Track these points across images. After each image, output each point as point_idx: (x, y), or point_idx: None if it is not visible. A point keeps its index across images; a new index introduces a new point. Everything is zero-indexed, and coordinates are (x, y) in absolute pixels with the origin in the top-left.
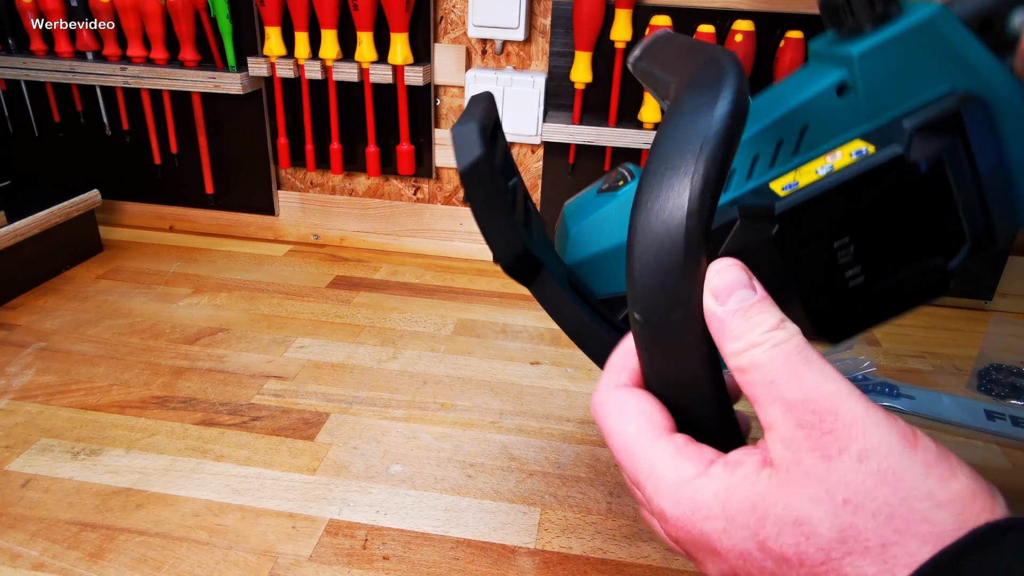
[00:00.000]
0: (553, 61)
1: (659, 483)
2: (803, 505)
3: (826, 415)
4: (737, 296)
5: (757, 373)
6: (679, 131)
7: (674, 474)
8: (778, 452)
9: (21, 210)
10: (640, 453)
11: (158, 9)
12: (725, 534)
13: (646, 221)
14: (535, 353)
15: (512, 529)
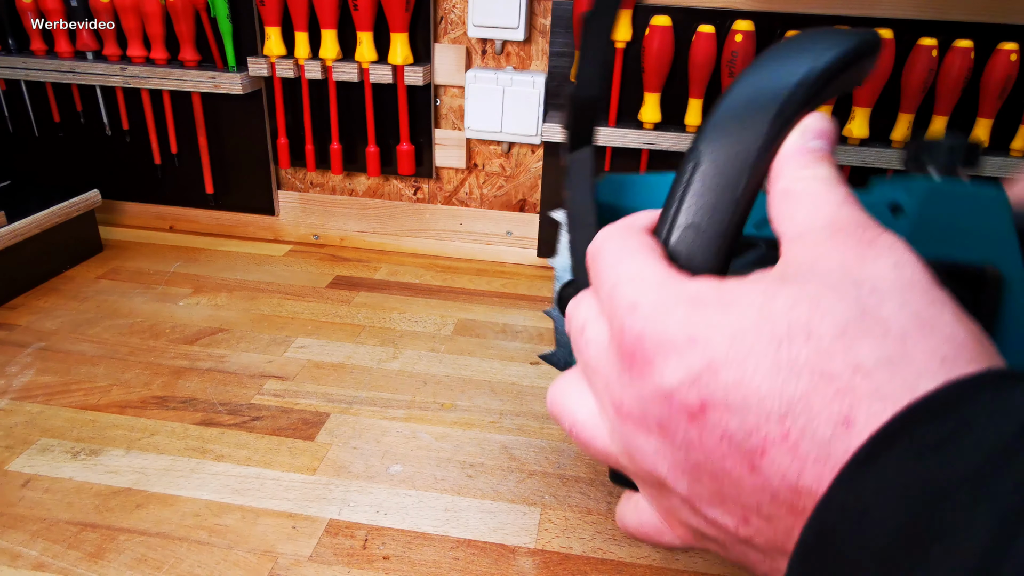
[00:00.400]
0: (553, 61)
1: (641, 281)
2: (824, 291)
3: (870, 229)
4: (823, 142)
5: (808, 198)
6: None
7: (663, 275)
8: (803, 252)
9: (21, 210)
10: (629, 259)
11: (158, 9)
12: (715, 315)
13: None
14: (535, 353)
15: (512, 529)
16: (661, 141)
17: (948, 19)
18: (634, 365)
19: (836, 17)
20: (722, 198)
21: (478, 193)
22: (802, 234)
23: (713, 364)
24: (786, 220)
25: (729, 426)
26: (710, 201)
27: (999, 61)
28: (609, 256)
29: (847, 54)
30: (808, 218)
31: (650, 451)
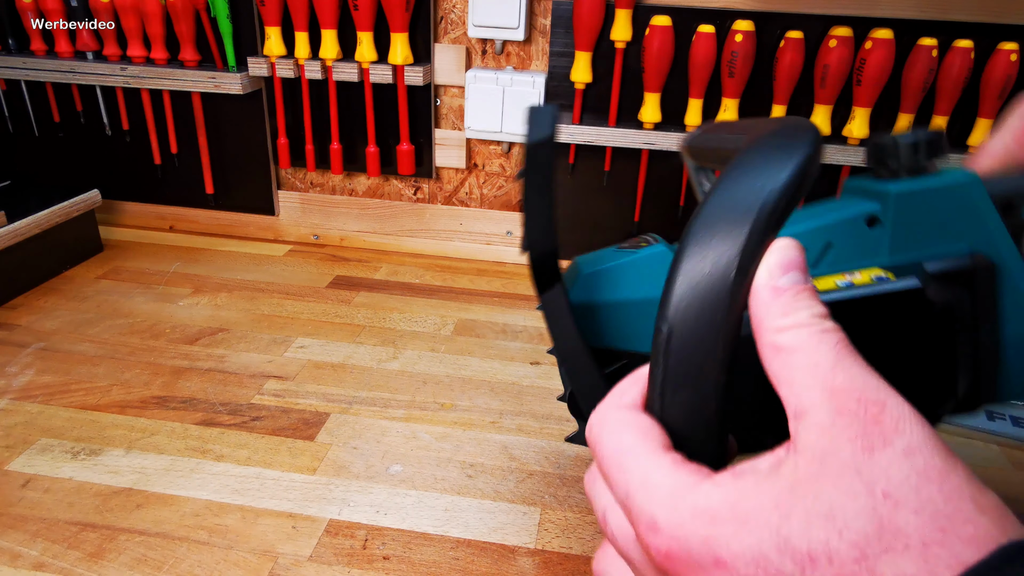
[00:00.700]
0: (553, 61)
1: (654, 492)
2: (837, 497)
3: (872, 405)
4: (793, 275)
5: (801, 355)
6: (744, 182)
7: (671, 482)
8: (811, 440)
9: (21, 210)
10: (633, 462)
11: (158, 9)
12: (735, 538)
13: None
14: (535, 353)
15: (512, 529)
16: (661, 141)
17: (948, 19)
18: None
19: (836, 17)
20: (704, 368)
21: (478, 193)
22: (805, 412)
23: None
24: (783, 387)
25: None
26: (692, 373)
27: (999, 61)
28: (613, 455)
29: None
30: (806, 389)
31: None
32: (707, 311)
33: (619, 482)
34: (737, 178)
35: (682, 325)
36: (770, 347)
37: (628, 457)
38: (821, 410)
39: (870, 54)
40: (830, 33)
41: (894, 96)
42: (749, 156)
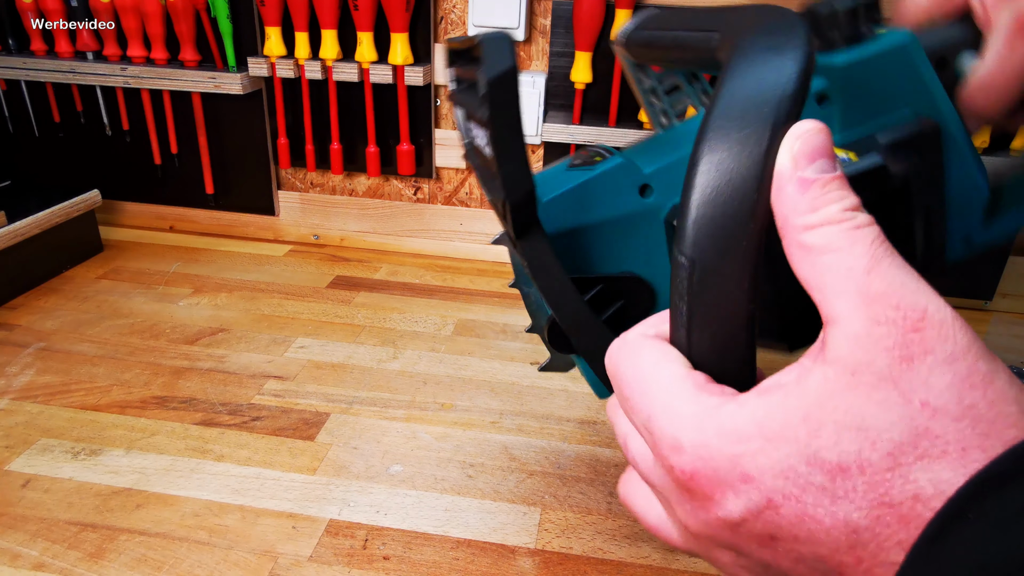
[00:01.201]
0: (553, 61)
1: (677, 414)
2: (871, 410)
3: (911, 312)
4: (819, 164)
5: (832, 256)
6: (751, 80)
7: (695, 405)
8: (844, 350)
9: (21, 210)
10: (656, 387)
11: (158, 9)
12: (762, 453)
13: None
14: (535, 353)
15: (512, 529)
16: None
17: None
18: (693, 498)
19: None
20: (731, 301)
21: (478, 193)
22: (837, 319)
23: (772, 501)
24: (814, 291)
25: (802, 552)
26: (719, 307)
27: None
28: (634, 382)
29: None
30: (838, 295)
31: (727, 561)
32: (730, 237)
33: (640, 407)
34: (742, 78)
35: (704, 255)
36: (798, 247)
37: (650, 382)
38: (855, 318)
39: None
40: None
41: None
42: (745, 54)
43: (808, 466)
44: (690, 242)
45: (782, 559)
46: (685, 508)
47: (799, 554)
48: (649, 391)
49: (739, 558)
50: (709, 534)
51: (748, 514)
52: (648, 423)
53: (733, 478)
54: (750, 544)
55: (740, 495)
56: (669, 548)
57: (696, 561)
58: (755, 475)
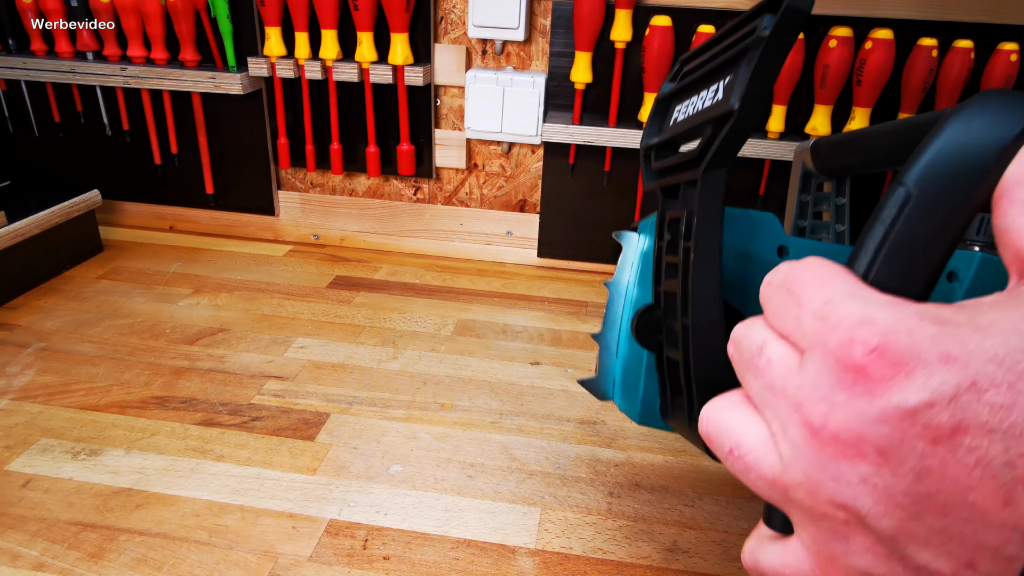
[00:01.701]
0: (553, 61)
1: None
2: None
3: None
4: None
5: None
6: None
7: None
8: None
9: (21, 210)
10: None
11: (158, 9)
12: (972, 338)
13: None
14: (535, 353)
15: (512, 529)
16: None
17: (948, 19)
18: (860, 381)
19: (836, 17)
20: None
21: (478, 193)
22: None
23: (978, 384)
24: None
25: (990, 452)
26: (918, 241)
27: (999, 61)
28: (809, 278)
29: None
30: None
31: (854, 480)
32: (958, 185)
33: (813, 296)
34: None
35: (926, 191)
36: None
37: (829, 278)
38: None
39: (870, 54)
40: (830, 33)
41: (894, 96)
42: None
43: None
44: (917, 175)
45: (955, 463)
46: (832, 400)
47: (983, 455)
48: (828, 282)
49: (878, 471)
50: (853, 434)
51: (938, 398)
52: (825, 307)
53: (931, 356)
54: (917, 442)
55: (934, 375)
56: (669, 548)
57: (696, 561)
58: (960, 356)
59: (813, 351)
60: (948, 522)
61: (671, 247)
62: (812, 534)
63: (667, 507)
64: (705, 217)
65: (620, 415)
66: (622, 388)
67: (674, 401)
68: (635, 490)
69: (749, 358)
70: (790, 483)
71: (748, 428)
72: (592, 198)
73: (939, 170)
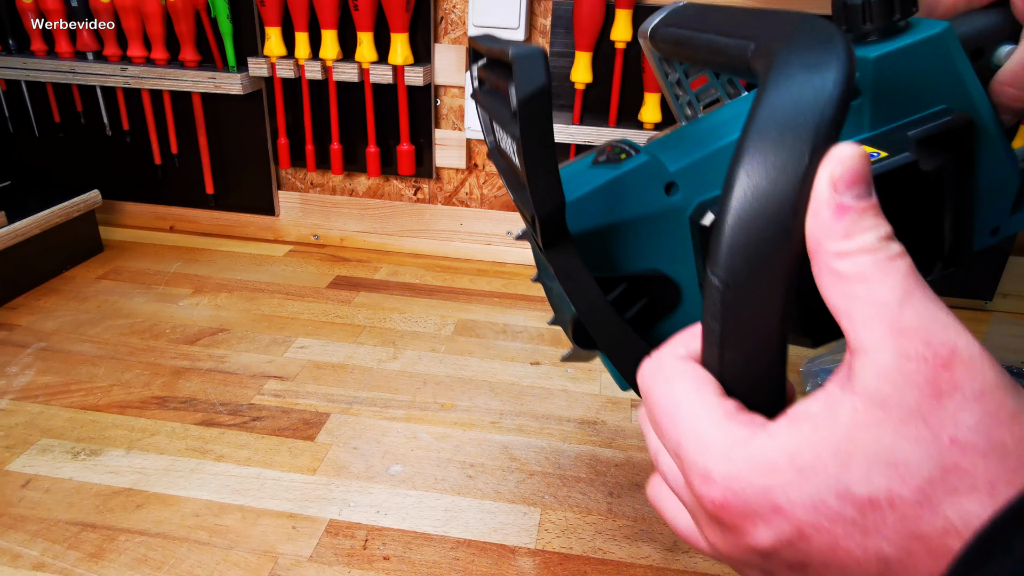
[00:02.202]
0: (553, 61)
1: (707, 445)
2: (900, 445)
3: (941, 348)
4: (857, 190)
5: (864, 286)
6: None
7: (725, 437)
8: (872, 383)
9: (21, 210)
10: (686, 414)
11: (158, 9)
12: (792, 486)
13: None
14: (535, 353)
15: (512, 529)
16: None
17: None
18: (723, 527)
19: None
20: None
21: (478, 193)
22: (866, 350)
23: (803, 532)
24: (843, 318)
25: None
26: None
27: None
28: (665, 407)
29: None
30: (868, 326)
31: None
32: (765, 261)
33: (670, 433)
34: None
35: (737, 279)
36: (829, 272)
37: (680, 408)
38: (884, 351)
39: None
40: None
41: None
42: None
43: (839, 500)
44: (724, 264)
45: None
46: (715, 532)
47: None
48: (680, 418)
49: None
50: (740, 557)
51: (779, 544)
52: (678, 450)
53: (764, 509)
54: (781, 570)
55: (771, 526)
56: (669, 548)
57: (696, 561)
58: (786, 507)
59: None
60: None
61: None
62: (717, 546)
63: None
64: (566, 281)
65: (620, 415)
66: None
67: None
68: (635, 490)
69: (653, 458)
70: (719, 557)
71: (678, 517)
72: None
73: (743, 252)
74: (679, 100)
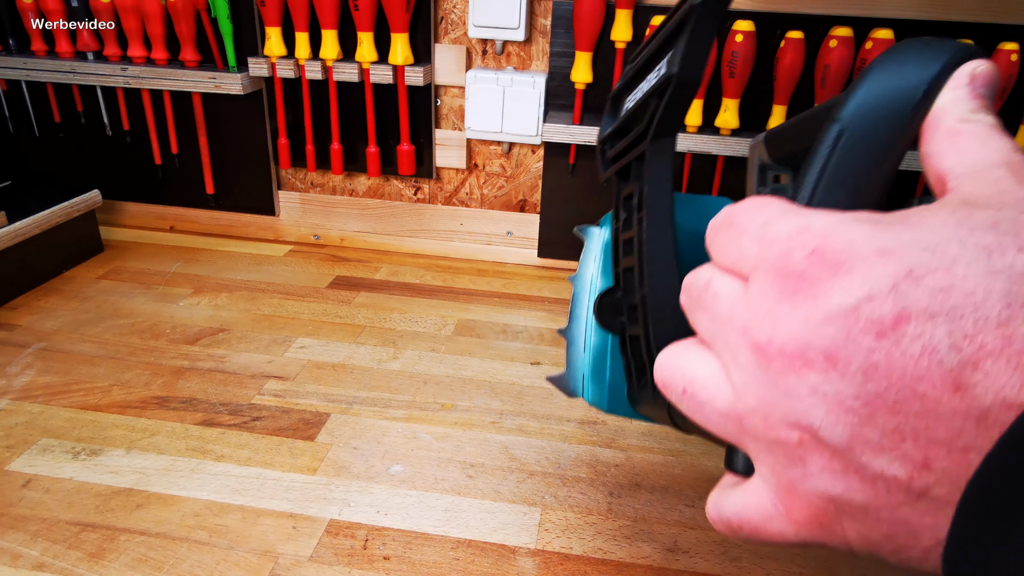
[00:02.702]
0: (553, 61)
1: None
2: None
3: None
4: (991, 90)
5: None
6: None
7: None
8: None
9: (22, 210)
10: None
11: (159, 9)
12: (906, 231)
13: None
14: (536, 353)
15: (512, 529)
16: None
17: (948, 19)
18: (802, 287)
19: (836, 17)
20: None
21: (478, 193)
22: (977, 171)
23: (915, 271)
24: (953, 156)
25: (934, 337)
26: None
27: (999, 61)
28: (748, 208)
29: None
30: (981, 157)
31: (805, 392)
32: (892, 115)
33: (753, 221)
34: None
35: (860, 123)
36: (946, 133)
37: (768, 208)
38: (997, 170)
39: (870, 54)
40: (830, 33)
41: None
42: (905, 45)
43: (960, 243)
44: (851, 110)
45: (900, 354)
46: (777, 314)
47: (928, 341)
48: (769, 207)
49: (827, 377)
50: (799, 344)
51: (878, 291)
52: (765, 228)
53: (868, 251)
54: (862, 338)
55: (873, 269)
56: (669, 548)
57: (697, 561)
58: (896, 248)
59: (755, 272)
60: (900, 420)
61: (627, 224)
62: (770, 465)
63: (667, 507)
64: (655, 183)
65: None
66: (591, 379)
67: (639, 381)
68: (635, 490)
69: (697, 296)
70: (744, 411)
71: (700, 364)
72: (592, 198)
73: (870, 105)
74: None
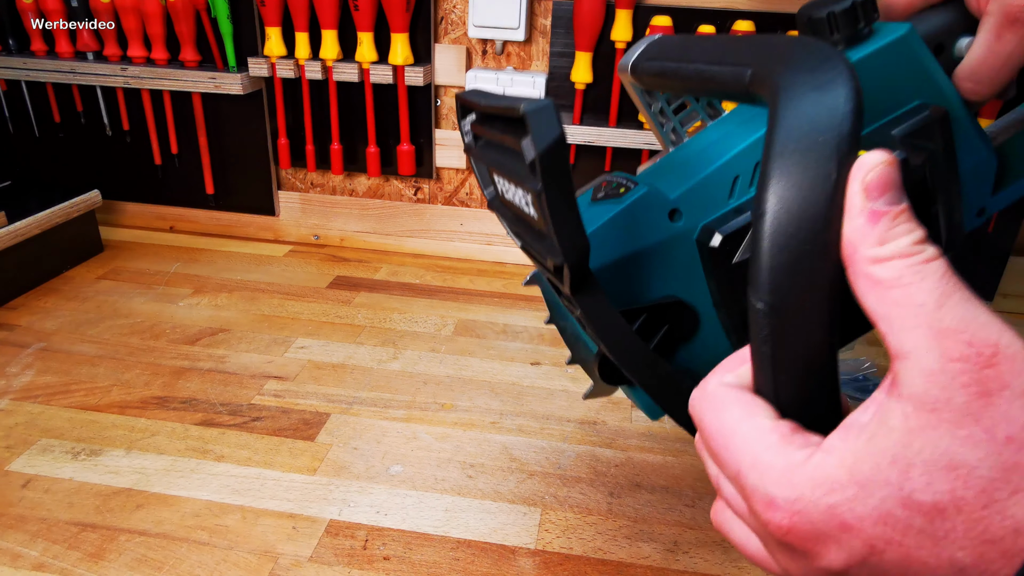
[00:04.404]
0: (553, 61)
1: (766, 471)
2: (957, 447)
3: (985, 347)
4: (889, 196)
5: (901, 291)
6: (806, 120)
7: (783, 460)
8: (918, 387)
9: (21, 210)
10: (741, 442)
11: (158, 9)
12: (857, 501)
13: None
14: (535, 353)
15: (512, 530)
16: None
17: None
18: (793, 551)
19: None
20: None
21: (478, 193)
22: (908, 354)
23: (875, 547)
24: (882, 323)
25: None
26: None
27: None
28: (720, 436)
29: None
30: (908, 330)
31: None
32: (808, 278)
33: (728, 461)
34: (795, 118)
35: (783, 300)
36: (866, 279)
37: (735, 436)
38: (928, 354)
39: None
40: None
41: None
42: (793, 93)
43: (905, 510)
44: (767, 288)
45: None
46: (786, 557)
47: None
48: (735, 446)
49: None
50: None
51: (852, 562)
52: (738, 477)
53: (832, 529)
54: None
55: (842, 546)
56: (669, 548)
57: (697, 561)
58: (854, 523)
59: (750, 511)
60: None
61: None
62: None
63: (667, 507)
64: (594, 320)
65: (620, 415)
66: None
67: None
68: (635, 490)
69: (715, 485)
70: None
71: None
72: None
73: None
74: (663, 128)
